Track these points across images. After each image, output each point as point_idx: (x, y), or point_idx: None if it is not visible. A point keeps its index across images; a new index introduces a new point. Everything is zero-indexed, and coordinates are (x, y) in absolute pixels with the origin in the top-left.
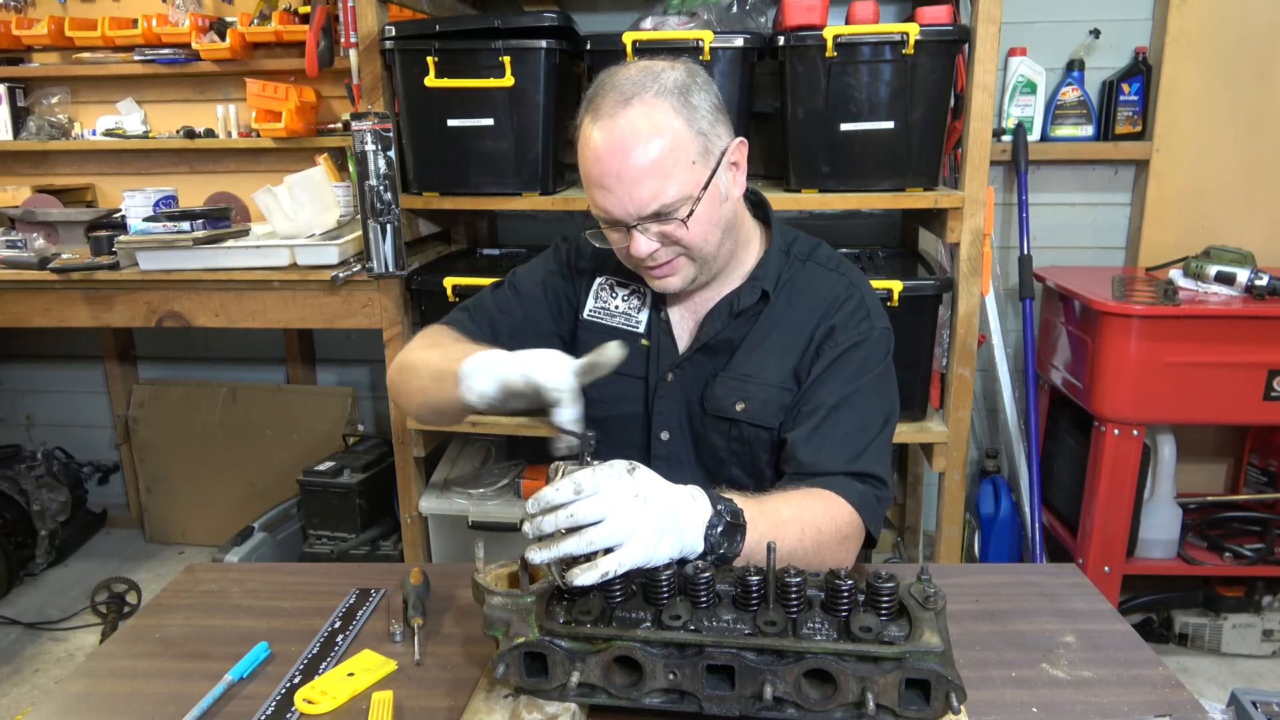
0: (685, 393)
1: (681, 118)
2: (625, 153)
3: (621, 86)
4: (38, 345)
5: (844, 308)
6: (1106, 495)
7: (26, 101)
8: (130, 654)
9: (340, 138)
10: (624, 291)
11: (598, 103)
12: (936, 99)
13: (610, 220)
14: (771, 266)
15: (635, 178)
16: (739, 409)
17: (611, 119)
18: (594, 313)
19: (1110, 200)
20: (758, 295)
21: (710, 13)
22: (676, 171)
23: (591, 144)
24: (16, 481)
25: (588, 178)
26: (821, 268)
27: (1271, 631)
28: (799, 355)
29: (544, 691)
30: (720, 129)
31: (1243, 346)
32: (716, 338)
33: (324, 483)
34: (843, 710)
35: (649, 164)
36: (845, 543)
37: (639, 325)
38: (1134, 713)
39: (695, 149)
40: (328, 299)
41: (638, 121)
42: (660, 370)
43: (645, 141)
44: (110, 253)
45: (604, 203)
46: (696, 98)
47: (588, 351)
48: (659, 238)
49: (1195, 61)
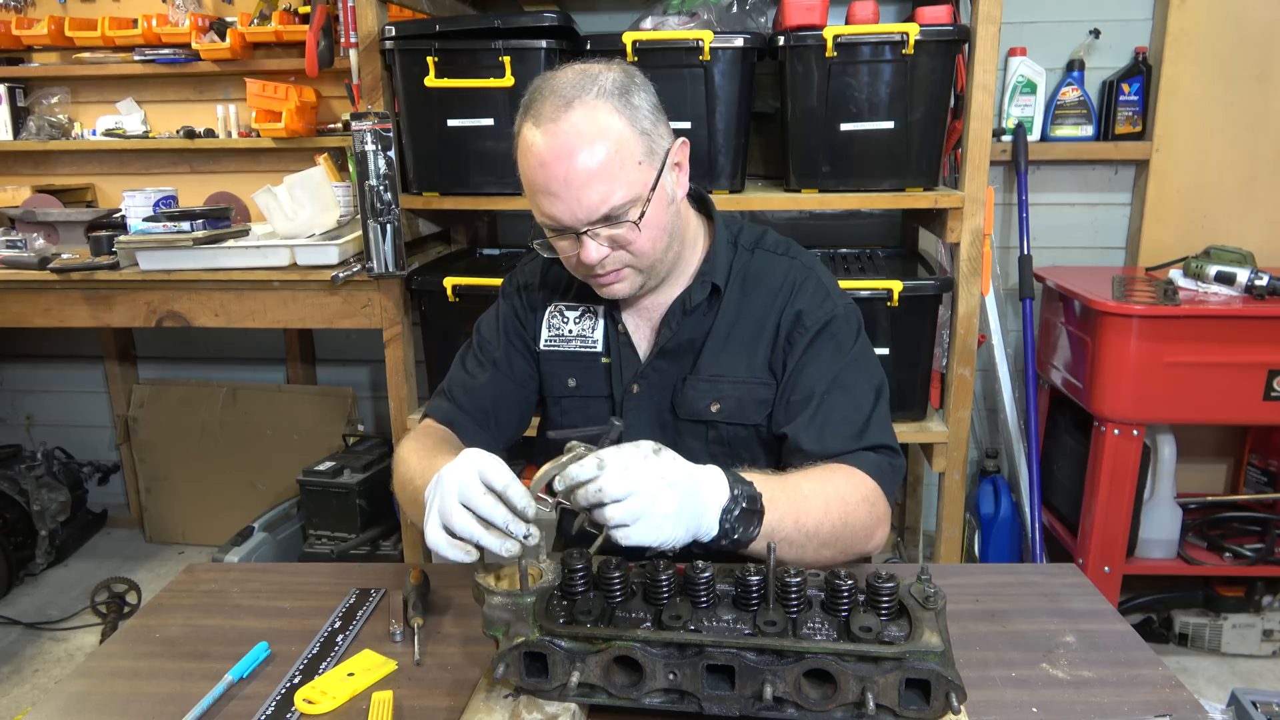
0: (653, 401)
1: (624, 118)
2: (570, 156)
3: (560, 90)
4: (38, 345)
5: (803, 290)
6: (1106, 495)
7: (26, 101)
8: (130, 654)
9: (340, 138)
10: (574, 314)
11: (537, 108)
12: (936, 99)
13: (558, 227)
14: (719, 260)
15: (583, 181)
16: (714, 410)
17: (554, 123)
18: (550, 342)
19: (1110, 200)
20: (708, 290)
21: (710, 13)
22: (623, 173)
23: (534, 150)
24: (16, 481)
25: (532, 185)
26: (771, 254)
27: (1271, 631)
28: (769, 347)
29: (544, 691)
30: (661, 129)
31: (1243, 346)
32: (674, 340)
33: (324, 483)
34: (843, 710)
35: (596, 166)
36: (873, 509)
37: (596, 344)
38: (1134, 713)
39: (640, 149)
40: (328, 299)
41: (581, 124)
42: (624, 383)
43: (590, 144)
44: (110, 253)
45: (551, 210)
46: (637, 98)
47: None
48: (609, 243)
49: (1195, 61)
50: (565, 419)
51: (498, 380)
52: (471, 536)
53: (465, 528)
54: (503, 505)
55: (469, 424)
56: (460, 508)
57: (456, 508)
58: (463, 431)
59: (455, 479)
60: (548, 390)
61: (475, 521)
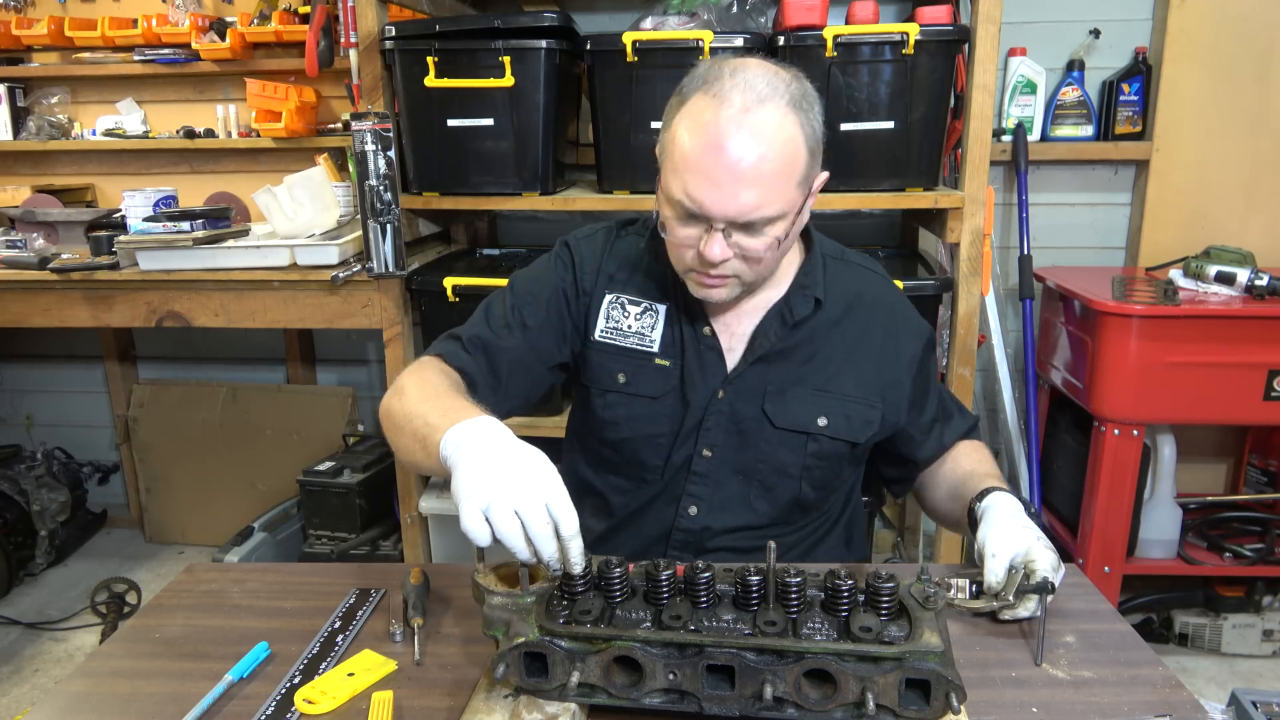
0: (736, 409)
1: (804, 135)
2: (748, 150)
3: (753, 83)
4: (38, 345)
5: (901, 308)
6: (1106, 495)
7: (26, 101)
8: (130, 654)
9: (340, 138)
10: (636, 309)
11: (722, 89)
12: (936, 99)
13: (696, 214)
14: (818, 272)
15: (750, 180)
16: (821, 424)
17: (745, 112)
18: (605, 333)
19: (1110, 200)
20: (811, 305)
21: (710, 13)
22: (785, 188)
23: (711, 130)
24: (16, 481)
25: (690, 163)
26: (860, 268)
27: (1271, 631)
28: (874, 365)
29: (544, 691)
30: (819, 156)
31: (1243, 346)
32: (772, 349)
33: (324, 483)
34: (843, 710)
35: (768, 171)
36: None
37: (653, 345)
38: (1134, 713)
39: (803, 170)
40: (328, 299)
41: (769, 123)
42: (708, 387)
43: (770, 147)
44: (110, 253)
45: (701, 194)
46: (816, 120)
47: (599, 374)
48: (735, 248)
49: (1195, 61)
50: (609, 413)
51: (521, 350)
52: (513, 546)
53: (511, 539)
54: (555, 542)
55: (480, 382)
56: (513, 517)
57: (509, 516)
58: (471, 386)
59: (521, 489)
60: (592, 381)
61: (523, 536)
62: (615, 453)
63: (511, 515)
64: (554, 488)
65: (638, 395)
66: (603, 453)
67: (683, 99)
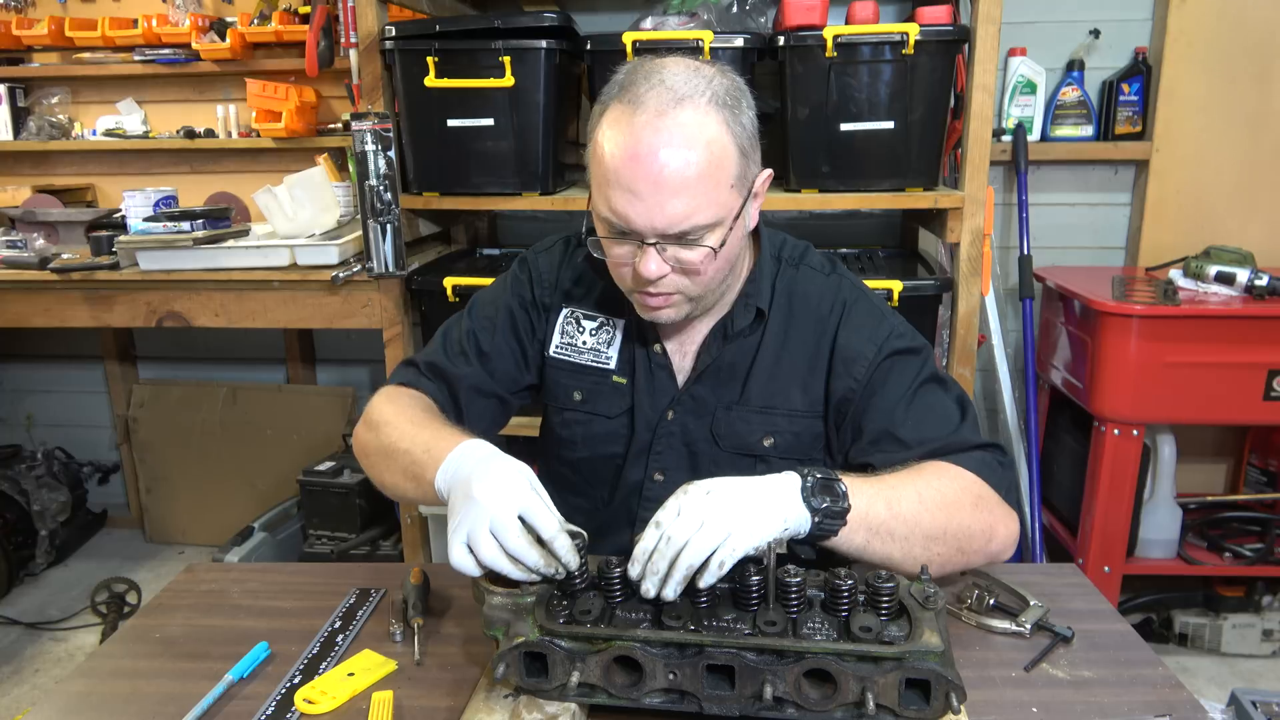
0: (687, 430)
1: (731, 133)
2: (668, 157)
3: (670, 83)
4: (38, 345)
5: (853, 313)
6: (1106, 495)
7: (27, 101)
8: (130, 654)
9: (340, 138)
10: (591, 325)
11: (638, 94)
12: (936, 99)
13: (625, 230)
14: (764, 281)
15: (674, 188)
16: (767, 444)
17: (659, 117)
18: (560, 349)
19: (1110, 200)
20: (752, 315)
21: (710, 13)
22: (715, 192)
23: (626, 140)
24: (16, 481)
25: (611, 177)
26: (816, 272)
27: (1271, 631)
28: (822, 376)
29: (544, 691)
30: (756, 153)
31: (1243, 346)
32: (712, 365)
33: (324, 483)
34: (843, 710)
35: (693, 176)
36: (981, 505)
37: (609, 361)
38: (1134, 713)
39: (736, 171)
40: (328, 299)
41: (688, 126)
42: (656, 408)
43: (693, 150)
44: (110, 253)
45: (626, 209)
46: (745, 115)
47: (556, 391)
48: (673, 262)
49: (1195, 61)
50: (567, 431)
51: (478, 378)
52: (500, 569)
53: (496, 563)
54: (536, 550)
55: (443, 409)
56: (491, 541)
57: (488, 541)
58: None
59: (491, 509)
60: (551, 399)
61: (504, 556)
62: (574, 472)
63: (490, 539)
64: (526, 496)
65: (595, 414)
66: (562, 472)
67: (604, 108)
